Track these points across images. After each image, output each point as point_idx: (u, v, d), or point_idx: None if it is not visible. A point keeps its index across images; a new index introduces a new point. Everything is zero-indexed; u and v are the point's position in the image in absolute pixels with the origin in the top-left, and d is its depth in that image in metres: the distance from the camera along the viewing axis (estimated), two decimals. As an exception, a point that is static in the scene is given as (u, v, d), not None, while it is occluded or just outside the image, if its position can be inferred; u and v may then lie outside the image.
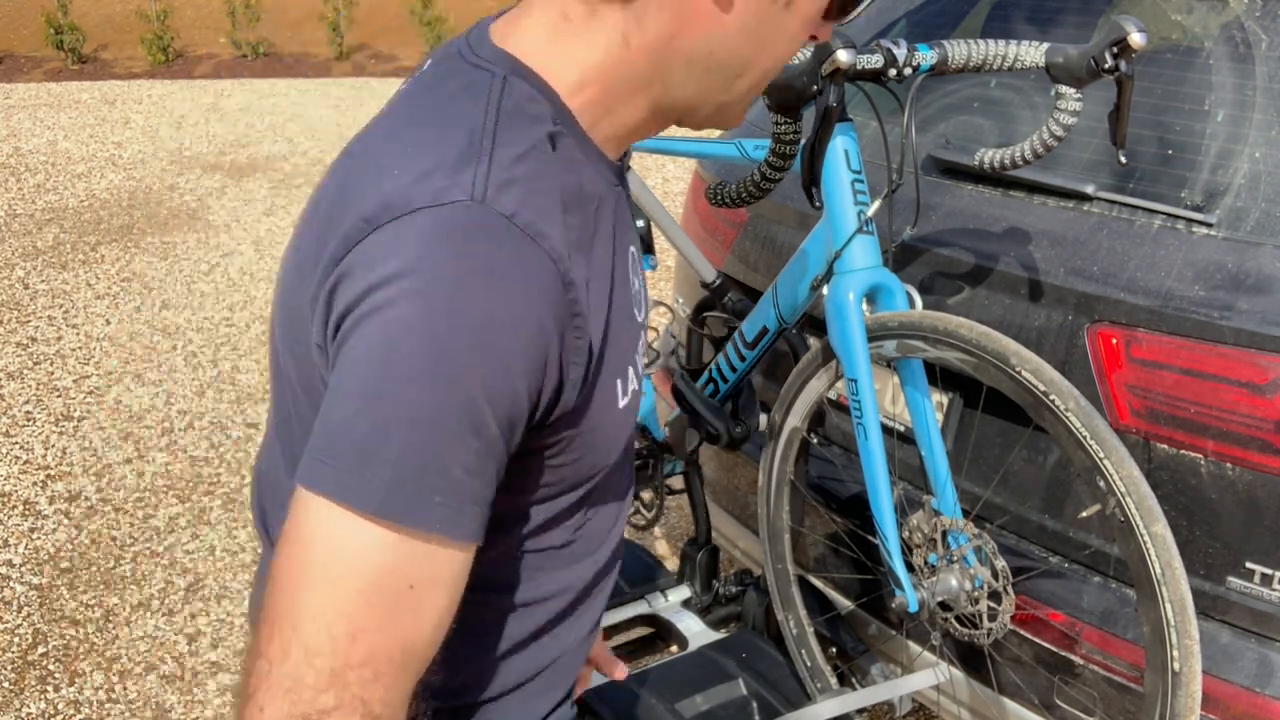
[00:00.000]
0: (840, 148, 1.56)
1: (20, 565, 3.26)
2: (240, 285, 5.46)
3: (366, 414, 0.77)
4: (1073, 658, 1.78)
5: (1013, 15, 2.13)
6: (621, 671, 1.30)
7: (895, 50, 1.47)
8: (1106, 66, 1.48)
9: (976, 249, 1.92)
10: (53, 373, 4.51)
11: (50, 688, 2.78)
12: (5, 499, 3.61)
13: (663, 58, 0.87)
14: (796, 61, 1.49)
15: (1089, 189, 1.83)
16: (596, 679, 1.99)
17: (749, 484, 2.40)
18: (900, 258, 2.02)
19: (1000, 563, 1.52)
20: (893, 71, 1.48)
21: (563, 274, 0.81)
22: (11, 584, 3.18)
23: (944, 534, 1.58)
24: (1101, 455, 1.30)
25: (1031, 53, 1.56)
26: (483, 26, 0.93)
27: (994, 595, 1.53)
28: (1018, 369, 1.38)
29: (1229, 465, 1.62)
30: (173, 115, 9.21)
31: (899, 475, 2.08)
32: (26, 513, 3.53)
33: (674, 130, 6.27)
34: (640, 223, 2.19)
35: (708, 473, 2.53)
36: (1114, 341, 1.72)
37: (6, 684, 2.79)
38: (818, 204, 1.43)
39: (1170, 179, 1.77)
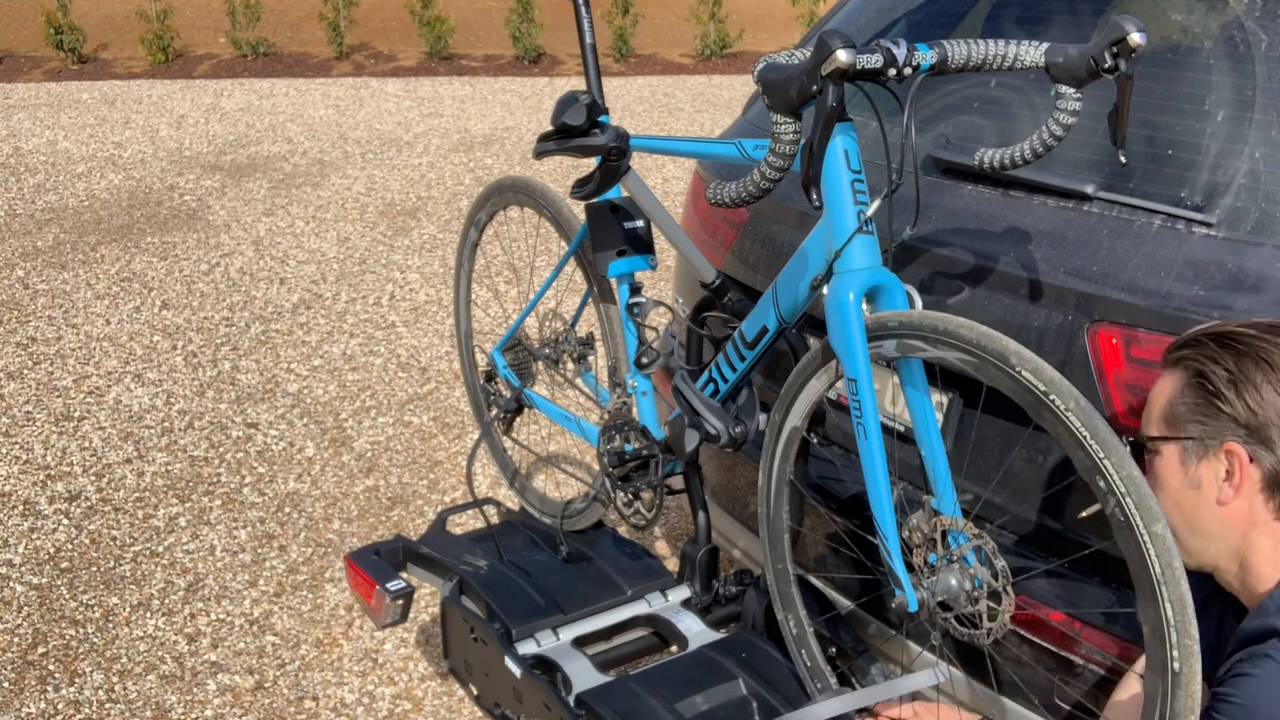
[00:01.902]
0: (840, 148, 1.55)
1: (20, 565, 3.26)
2: (240, 285, 5.46)
3: None
4: (1073, 658, 1.78)
5: (1013, 15, 2.13)
6: None
7: (895, 50, 1.47)
8: (1106, 66, 1.48)
9: (976, 249, 1.92)
10: (53, 373, 4.51)
11: (50, 688, 2.78)
12: (5, 499, 3.61)
13: None
14: (796, 61, 1.49)
15: (1089, 189, 1.83)
16: (596, 679, 1.99)
17: (749, 484, 2.40)
18: (900, 258, 2.02)
19: (1000, 562, 1.52)
20: (892, 71, 1.48)
21: None
22: (11, 584, 3.18)
23: (944, 534, 1.58)
24: (1101, 455, 1.30)
25: (1031, 53, 1.55)
26: None
27: (994, 595, 1.53)
28: (1018, 369, 1.38)
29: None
30: (173, 115, 9.21)
31: (899, 475, 2.08)
32: (26, 513, 3.53)
33: (673, 130, 6.30)
34: (640, 223, 2.19)
35: (707, 473, 2.53)
36: (1114, 341, 1.72)
37: (6, 684, 2.79)
38: (817, 203, 1.43)
39: (1170, 179, 1.76)
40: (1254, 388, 1.36)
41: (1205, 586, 1.55)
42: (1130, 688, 1.64)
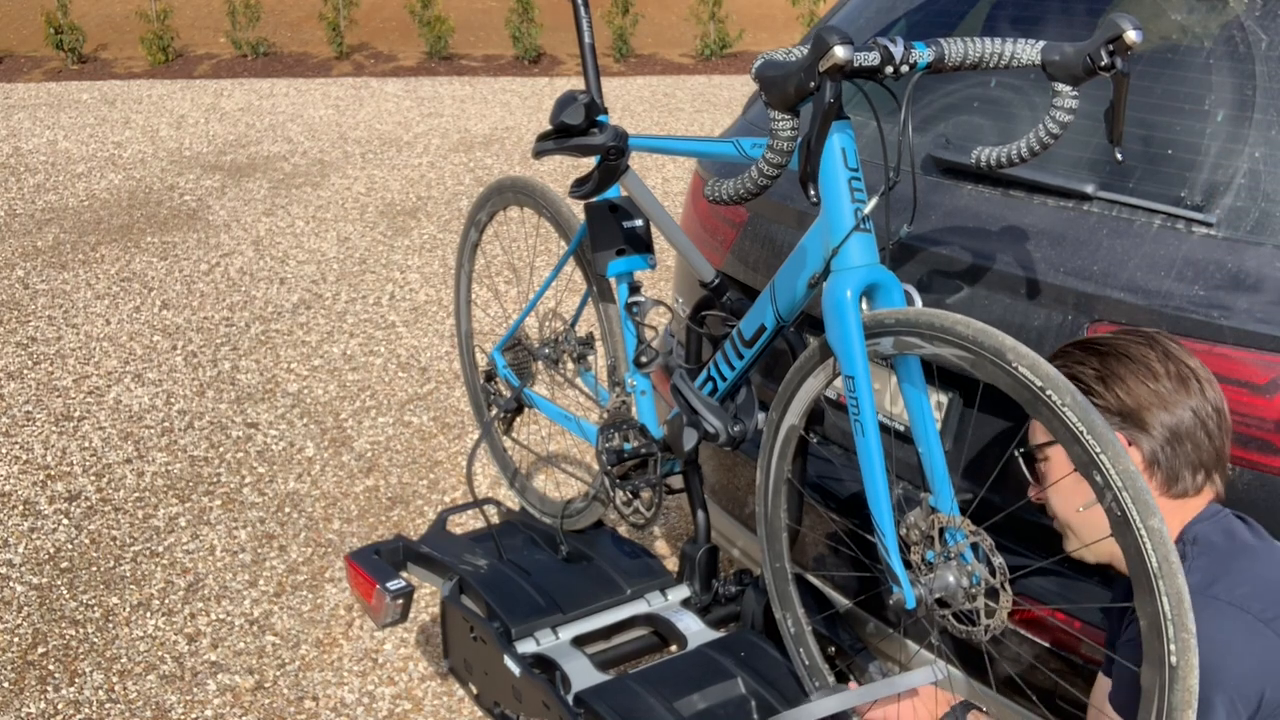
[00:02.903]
0: (837, 145, 1.55)
1: (20, 565, 3.26)
2: (240, 285, 5.47)
3: None
4: (1071, 655, 1.78)
5: (1012, 15, 2.13)
6: None
7: (892, 48, 1.47)
8: (1103, 64, 1.48)
9: (976, 248, 1.92)
10: (53, 373, 4.52)
11: (50, 688, 2.78)
12: (5, 499, 3.61)
13: None
14: (794, 58, 1.49)
15: (1088, 188, 1.83)
16: (595, 678, 2.00)
17: (748, 483, 2.41)
18: (899, 257, 2.02)
19: (998, 559, 1.52)
20: (889, 69, 1.48)
21: None
22: (11, 584, 3.18)
23: (941, 531, 1.58)
24: (1098, 450, 1.30)
25: (1028, 51, 1.56)
26: None
27: (991, 592, 1.53)
28: (1014, 364, 1.38)
29: (1228, 465, 1.62)
30: (173, 115, 9.22)
31: (897, 473, 2.08)
32: (26, 513, 3.53)
33: (673, 130, 6.29)
34: (639, 222, 2.19)
35: (706, 472, 2.53)
36: (1112, 340, 1.72)
37: (6, 684, 2.80)
38: (814, 200, 1.43)
39: (1170, 179, 1.77)
40: (1120, 379, 1.50)
41: (1117, 586, 1.67)
42: (1103, 688, 1.66)
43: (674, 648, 2.14)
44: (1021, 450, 1.60)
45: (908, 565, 1.60)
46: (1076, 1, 2.05)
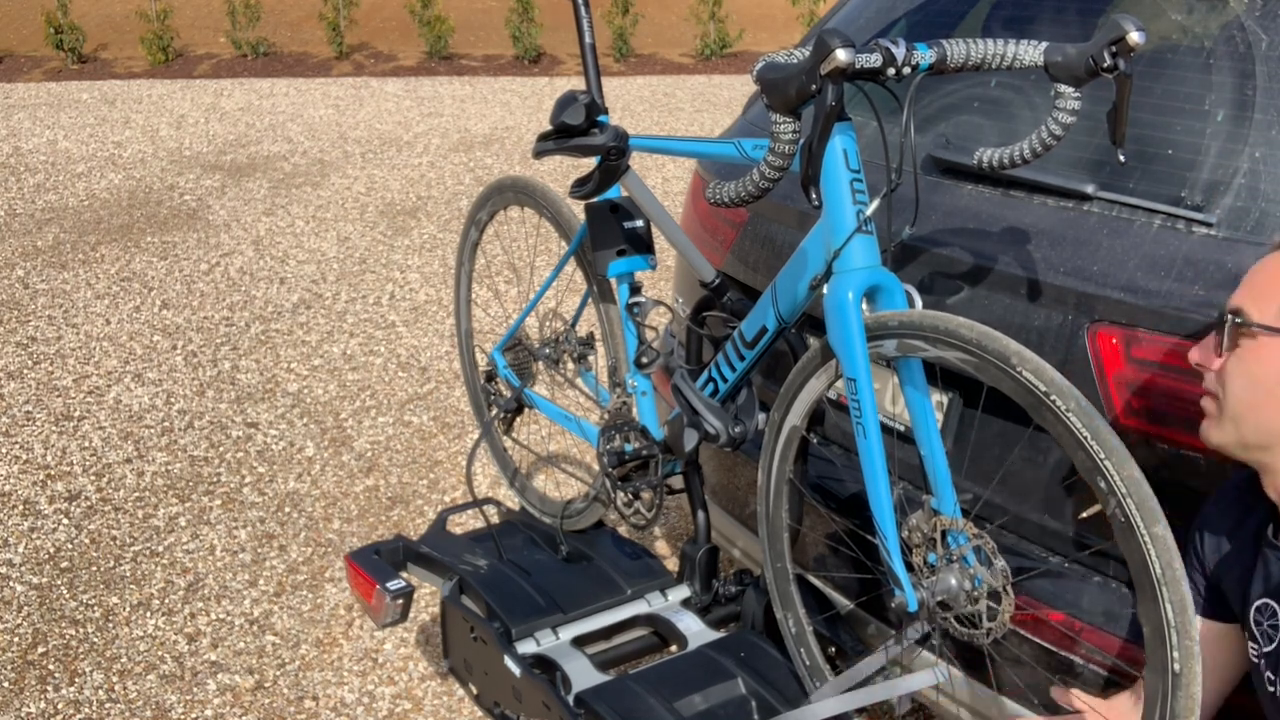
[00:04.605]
0: (839, 147, 1.55)
1: (20, 565, 3.26)
2: (240, 285, 5.46)
3: None
4: (1073, 657, 1.78)
5: (1012, 16, 2.13)
6: None
7: (894, 49, 1.47)
8: (1105, 65, 1.48)
9: (976, 249, 1.92)
10: (53, 373, 4.51)
11: (50, 688, 2.78)
12: (5, 499, 3.61)
13: None
14: (795, 60, 1.49)
15: (1089, 189, 1.83)
16: (595, 678, 1.99)
17: (748, 483, 2.40)
18: (900, 257, 2.02)
19: (1000, 562, 1.52)
20: (891, 71, 1.48)
21: None
22: (11, 584, 3.18)
23: (943, 533, 1.58)
24: (1102, 456, 1.30)
25: (1030, 52, 1.55)
26: None
27: (993, 595, 1.53)
28: (1018, 369, 1.38)
29: (1229, 465, 1.62)
30: (173, 115, 9.22)
31: (898, 475, 2.08)
32: (26, 513, 3.53)
33: (673, 130, 6.29)
34: (639, 222, 2.19)
35: (707, 472, 2.53)
36: (1114, 341, 1.72)
37: (6, 684, 2.79)
38: (816, 203, 1.42)
39: (1170, 179, 1.76)
40: None
41: (1235, 507, 1.51)
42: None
43: (674, 648, 2.14)
44: (1235, 317, 1.39)
45: (910, 568, 1.60)
46: (1076, 2, 2.04)
